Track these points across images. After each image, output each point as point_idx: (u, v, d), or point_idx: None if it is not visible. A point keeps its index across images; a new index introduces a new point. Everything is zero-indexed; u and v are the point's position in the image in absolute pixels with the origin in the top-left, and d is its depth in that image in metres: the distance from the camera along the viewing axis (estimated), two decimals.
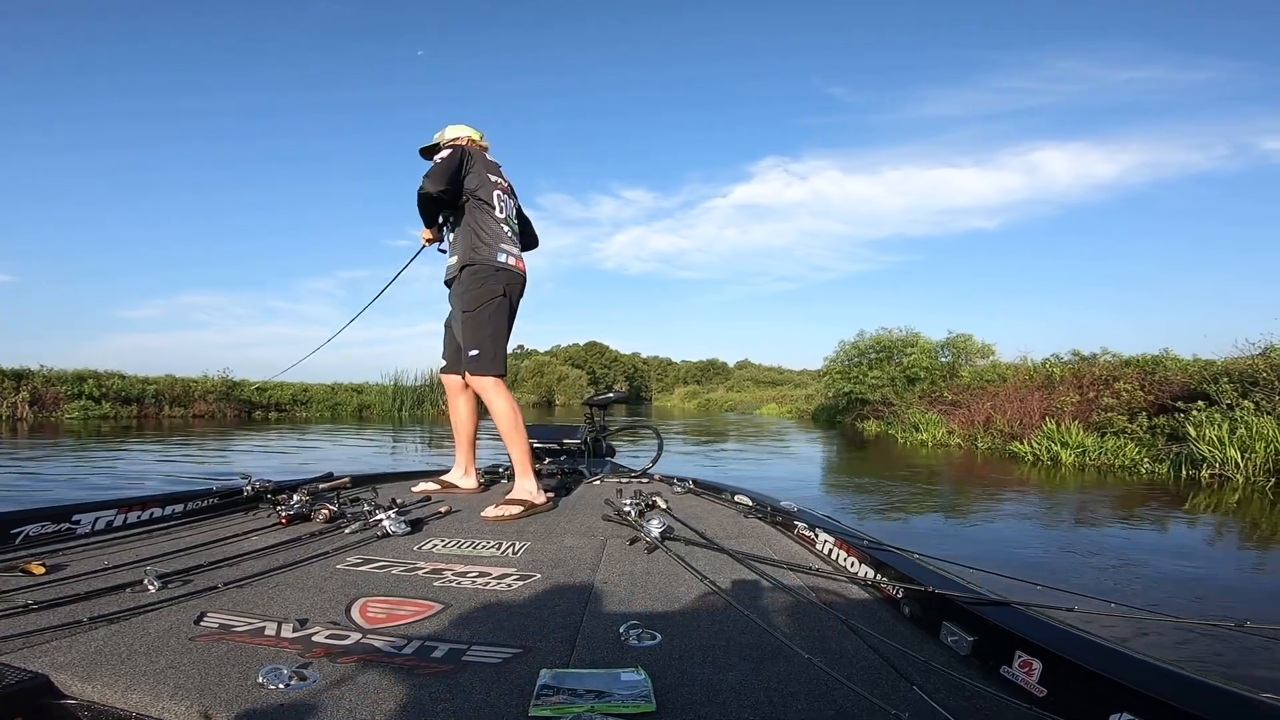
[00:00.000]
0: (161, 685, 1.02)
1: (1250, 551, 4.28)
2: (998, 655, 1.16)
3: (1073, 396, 10.27)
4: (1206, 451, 7.29)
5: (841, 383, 18.56)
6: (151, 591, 1.47)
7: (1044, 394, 11.02)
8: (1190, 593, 3.12)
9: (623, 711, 0.97)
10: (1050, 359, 12.87)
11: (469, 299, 2.69)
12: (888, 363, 17.29)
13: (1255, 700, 0.82)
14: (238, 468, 7.43)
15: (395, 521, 2.16)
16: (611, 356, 74.76)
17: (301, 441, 11.90)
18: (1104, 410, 9.42)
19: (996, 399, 11.79)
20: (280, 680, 1.03)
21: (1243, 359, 8.88)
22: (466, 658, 1.17)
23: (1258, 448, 7.03)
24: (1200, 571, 3.63)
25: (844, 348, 19.05)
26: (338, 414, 20.96)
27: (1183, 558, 3.91)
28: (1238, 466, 7.01)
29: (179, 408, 18.37)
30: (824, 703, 1.02)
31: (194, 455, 9.37)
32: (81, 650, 1.14)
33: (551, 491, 2.82)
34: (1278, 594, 3.23)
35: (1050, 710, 0.99)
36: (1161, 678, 0.90)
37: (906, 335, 17.51)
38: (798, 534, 2.17)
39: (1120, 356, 11.51)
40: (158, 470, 7.39)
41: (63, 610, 1.34)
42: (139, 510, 2.22)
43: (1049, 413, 10.24)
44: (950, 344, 16.71)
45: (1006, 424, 10.94)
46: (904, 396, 15.07)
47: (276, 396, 20.47)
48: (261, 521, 2.29)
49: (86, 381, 17.04)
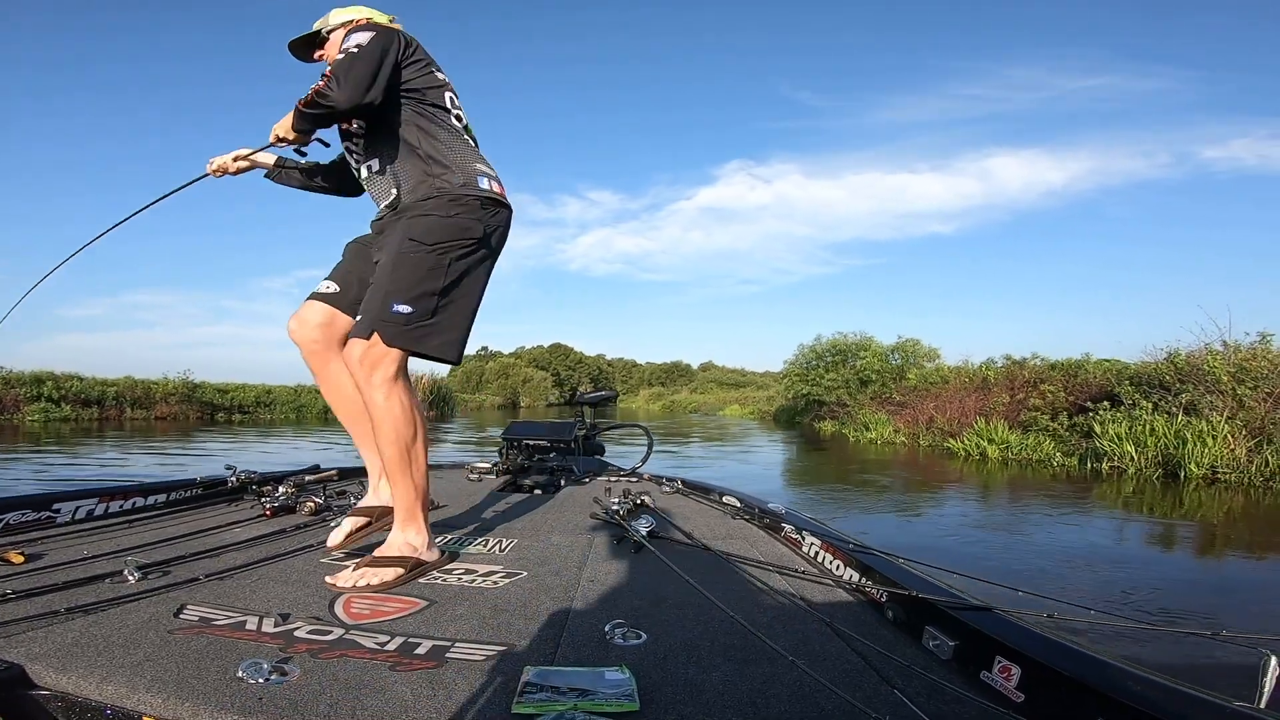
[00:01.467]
0: (138, 677, 1.01)
1: (1134, 527, 5.07)
2: (978, 660, 1.17)
3: (1004, 397, 11.30)
4: (1108, 447, 8.23)
5: (799, 385, 19.63)
6: (131, 582, 1.45)
7: (979, 395, 12.05)
8: (1079, 564, 3.79)
9: (606, 710, 0.97)
10: (986, 363, 13.96)
11: (426, 226, 1.69)
12: (843, 366, 18.31)
13: (1229, 707, 0.84)
14: (218, 464, 7.40)
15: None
16: (576, 358, 74.24)
17: (281, 441, 12.00)
18: (1030, 410, 10.37)
19: (939, 400, 12.79)
20: (260, 675, 1.02)
21: (1149, 363, 9.78)
22: (450, 655, 1.17)
23: (1149, 443, 7.93)
24: (1089, 548, 4.28)
25: (802, 351, 20.18)
26: (303, 415, 20.81)
27: (1078, 537, 4.64)
28: (1132, 459, 7.95)
29: (140, 410, 18.21)
30: (806, 704, 1.03)
31: (170, 453, 9.35)
32: (58, 641, 1.13)
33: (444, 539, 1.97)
34: (1149, 563, 3.98)
35: (1028, 715, 1.00)
36: (1138, 684, 0.91)
37: (860, 339, 18.61)
38: (784, 536, 2.18)
39: (1047, 360, 12.42)
40: (141, 464, 7.37)
41: (40, 600, 1.32)
42: (121, 500, 2.20)
43: (983, 412, 11.25)
44: (899, 348, 17.73)
45: (946, 423, 11.93)
46: (857, 398, 16.09)
47: (239, 398, 20.33)
48: (245, 513, 2.27)
49: (45, 384, 16.84)
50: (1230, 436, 7.49)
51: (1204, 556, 4.23)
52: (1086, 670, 0.98)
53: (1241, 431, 7.47)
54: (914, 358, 17.08)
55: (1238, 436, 7.46)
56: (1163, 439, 7.85)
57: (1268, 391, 7.67)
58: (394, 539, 1.69)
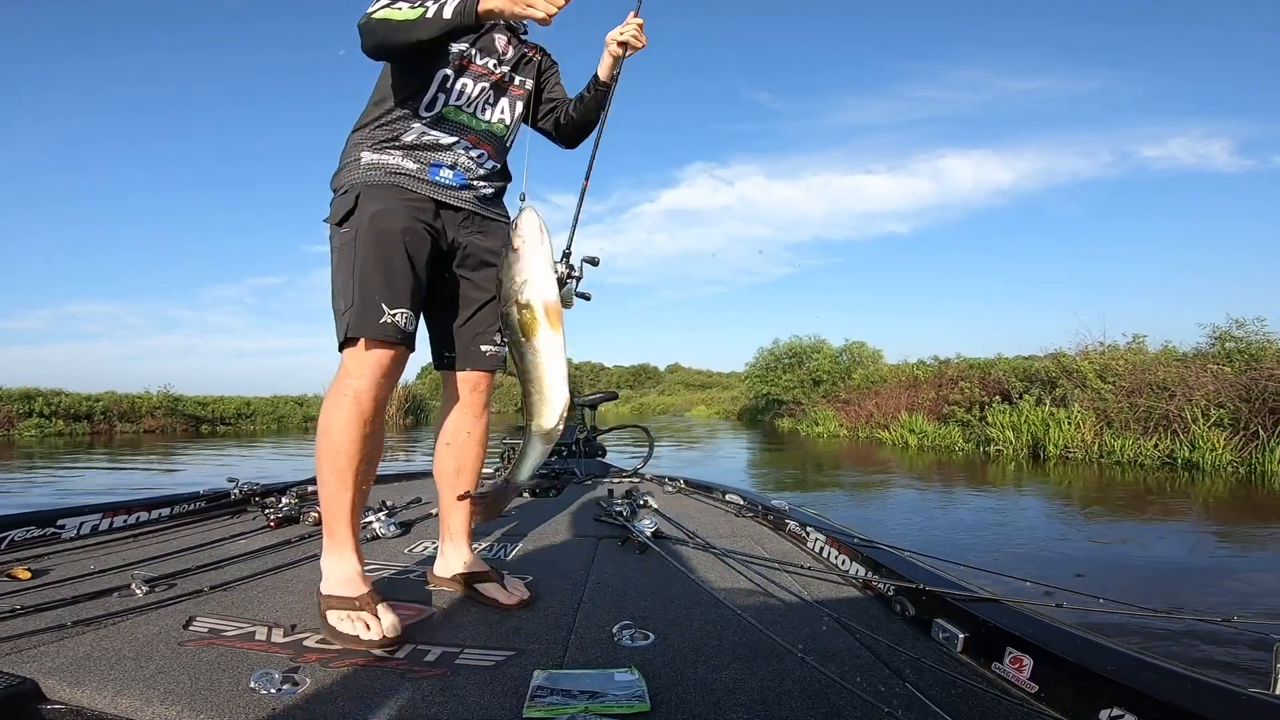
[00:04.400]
0: (151, 690, 1.00)
1: (988, 499, 6.14)
2: (989, 652, 1.17)
3: (930, 394, 12.82)
4: (995, 434, 10.03)
5: (760, 385, 21.07)
6: (139, 596, 1.45)
7: (910, 392, 13.53)
8: (961, 530, 4.48)
9: (617, 712, 0.97)
10: (918, 362, 15.54)
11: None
12: (798, 367, 19.64)
13: (1243, 694, 0.83)
14: (217, 476, 7.45)
15: (385, 524, 2.15)
16: None
17: (277, 449, 12.19)
18: (950, 404, 11.92)
19: (879, 397, 14.28)
20: (271, 685, 1.02)
21: (1041, 359, 11.40)
22: (460, 660, 1.16)
23: (1023, 430, 9.69)
24: (972, 513, 5.26)
25: (762, 354, 21.62)
26: (283, 426, 21.20)
27: (960, 505, 5.71)
28: (1010, 443, 9.71)
29: (129, 423, 18.67)
30: (817, 701, 1.02)
31: (175, 465, 9.49)
32: (69, 655, 1.13)
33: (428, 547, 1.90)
34: (1009, 524, 4.76)
35: (1042, 706, 1.00)
36: (1150, 673, 0.91)
37: (813, 342, 20.06)
38: (789, 532, 2.18)
39: (968, 360, 13.92)
40: (142, 479, 7.46)
41: (49, 615, 1.32)
42: (125, 514, 2.20)
43: (912, 407, 12.78)
44: (848, 350, 19.27)
45: (881, 417, 13.50)
46: (810, 396, 17.52)
47: (220, 410, 20.92)
48: (250, 525, 2.27)
49: (36, 400, 17.29)
50: (1080, 423, 9.02)
51: (1049, 517, 5.26)
52: (1100, 659, 0.97)
53: (1091, 418, 8.98)
54: (860, 359, 18.57)
55: (1087, 423, 8.98)
56: (1033, 426, 9.59)
57: (1123, 386, 9.13)
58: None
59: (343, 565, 1.35)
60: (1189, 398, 8.15)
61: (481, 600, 1.48)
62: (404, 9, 1.33)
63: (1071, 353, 10.83)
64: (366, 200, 1.40)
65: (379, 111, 1.46)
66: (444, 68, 1.45)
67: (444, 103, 1.46)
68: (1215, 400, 7.93)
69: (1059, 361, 10.61)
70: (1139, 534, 4.45)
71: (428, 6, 1.31)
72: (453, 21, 1.30)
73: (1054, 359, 10.86)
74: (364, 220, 1.38)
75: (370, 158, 1.44)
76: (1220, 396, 7.92)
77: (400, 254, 1.38)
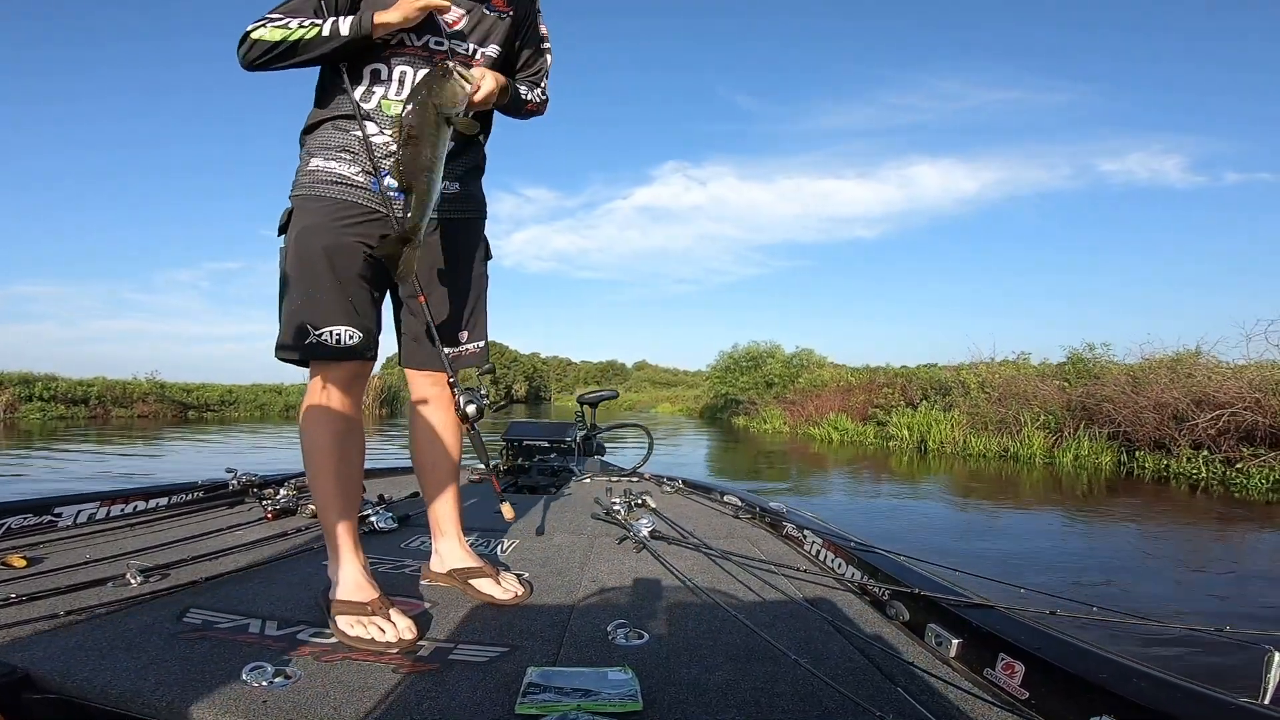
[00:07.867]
0: (143, 681, 1.01)
1: (891, 485, 7.60)
2: (982, 657, 1.17)
3: (861, 397, 14.91)
4: (895, 431, 12.23)
5: (720, 386, 23.14)
6: (134, 586, 1.45)
7: (844, 395, 15.62)
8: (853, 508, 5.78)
9: (609, 710, 0.97)
10: (850, 369, 17.79)
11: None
12: (755, 370, 21.54)
13: (1233, 703, 0.84)
14: (221, 464, 7.47)
15: (382, 517, 2.15)
16: (511, 356, 73.08)
17: (273, 440, 12.46)
18: (874, 406, 14.00)
19: (819, 399, 16.24)
20: (264, 678, 1.02)
21: (948, 368, 13.81)
22: (453, 656, 1.17)
23: (914, 429, 11.89)
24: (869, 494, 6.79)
25: (722, 357, 23.66)
26: (266, 413, 21.99)
27: (863, 489, 7.20)
28: (905, 441, 11.86)
29: (123, 408, 19.62)
30: (809, 703, 1.03)
31: (181, 450, 9.54)
32: (62, 644, 1.13)
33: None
34: (902, 507, 5.90)
35: (1032, 713, 1.00)
36: (1141, 681, 0.91)
37: (769, 348, 22.31)
38: (785, 535, 2.18)
39: (893, 368, 16.53)
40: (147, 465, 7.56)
41: (43, 604, 1.32)
42: (122, 503, 2.20)
43: (845, 409, 14.87)
44: (798, 356, 21.39)
45: (816, 416, 15.47)
46: (764, 397, 19.36)
47: (205, 397, 21.93)
48: (247, 516, 2.27)
49: (35, 385, 18.07)
50: (955, 424, 11.27)
51: (919, 498, 6.64)
52: (1091, 667, 0.98)
53: (964, 421, 11.26)
54: (807, 364, 20.68)
55: (959, 424, 11.23)
56: (921, 427, 11.81)
57: (995, 395, 11.30)
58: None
59: (346, 572, 1.35)
60: (1028, 405, 10.39)
61: (476, 596, 1.48)
62: (292, 26, 1.30)
63: (968, 365, 13.30)
64: (298, 213, 1.37)
65: (322, 115, 1.40)
66: (372, 62, 1.37)
67: (380, 95, 1.38)
68: (1046, 408, 10.15)
69: (957, 373, 12.97)
70: (994, 509, 5.91)
71: (321, 25, 1.30)
72: (350, 37, 1.30)
73: (954, 371, 13.29)
74: (292, 236, 1.36)
75: (314, 163, 1.39)
76: (1051, 405, 10.15)
77: (326, 272, 1.32)
